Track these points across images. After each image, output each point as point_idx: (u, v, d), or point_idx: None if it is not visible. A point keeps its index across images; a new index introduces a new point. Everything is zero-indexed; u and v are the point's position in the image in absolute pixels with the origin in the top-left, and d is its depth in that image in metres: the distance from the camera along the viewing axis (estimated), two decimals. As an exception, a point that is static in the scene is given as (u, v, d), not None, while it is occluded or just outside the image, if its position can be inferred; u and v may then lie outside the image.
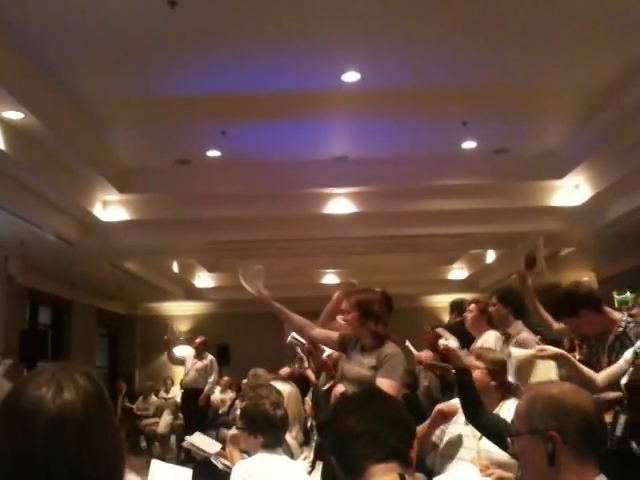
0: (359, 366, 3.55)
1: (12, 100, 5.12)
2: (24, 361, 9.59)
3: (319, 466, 3.67)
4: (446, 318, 8.15)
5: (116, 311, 14.66)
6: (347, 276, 12.23)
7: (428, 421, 3.35)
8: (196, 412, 9.48)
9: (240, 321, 13.65)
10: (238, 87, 5.79)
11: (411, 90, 5.90)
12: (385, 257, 11.42)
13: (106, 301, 13.72)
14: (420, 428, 3.28)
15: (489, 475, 2.83)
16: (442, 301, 13.78)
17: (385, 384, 3.37)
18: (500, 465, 2.83)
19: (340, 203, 8.21)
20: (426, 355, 5.24)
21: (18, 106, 5.24)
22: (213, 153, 7.36)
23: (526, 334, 4.31)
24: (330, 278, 13.26)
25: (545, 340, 4.12)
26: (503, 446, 2.66)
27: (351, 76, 5.62)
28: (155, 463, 3.23)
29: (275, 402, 3.19)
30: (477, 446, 3.07)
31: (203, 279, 13.86)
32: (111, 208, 8.11)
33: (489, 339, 4.52)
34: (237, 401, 7.76)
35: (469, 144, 7.24)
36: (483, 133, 6.99)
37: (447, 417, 3.32)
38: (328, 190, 8.06)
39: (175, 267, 12.19)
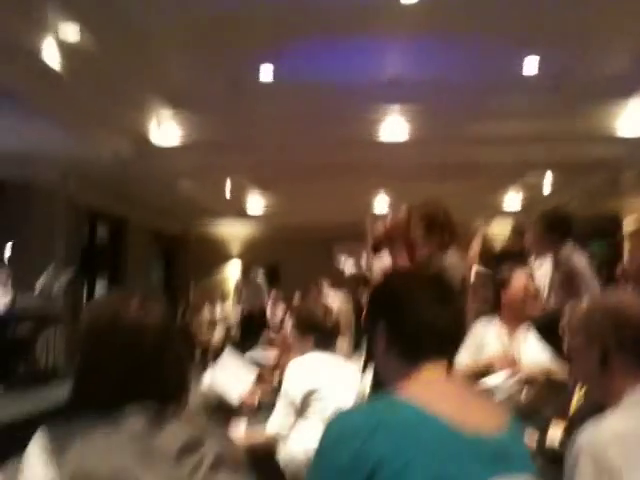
0: None
1: (69, 15, 5.13)
2: (84, 278, 9.96)
3: (370, 368, 3.74)
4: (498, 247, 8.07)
5: (170, 232, 14.94)
6: (399, 204, 12.14)
7: None
8: (253, 328, 9.81)
9: (291, 244, 13.77)
10: (292, 4, 5.66)
11: (473, 9, 5.67)
12: (439, 186, 11.25)
13: (161, 221, 13.99)
14: None
15: (515, 373, 2.89)
16: (496, 230, 13.64)
17: None
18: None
19: (394, 127, 8.07)
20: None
21: (74, 22, 5.25)
22: (267, 74, 7.27)
23: (576, 257, 4.23)
24: (381, 206, 13.17)
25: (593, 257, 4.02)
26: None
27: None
28: (229, 350, 3.47)
29: (324, 313, 3.27)
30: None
31: (256, 202, 13.94)
32: (166, 128, 8.15)
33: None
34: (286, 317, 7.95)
35: (531, 65, 6.95)
36: (546, 53, 6.71)
37: None
38: (382, 114, 7.93)
39: (228, 189, 12.27)
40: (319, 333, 3.17)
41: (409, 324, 1.46)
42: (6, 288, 5.30)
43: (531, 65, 6.95)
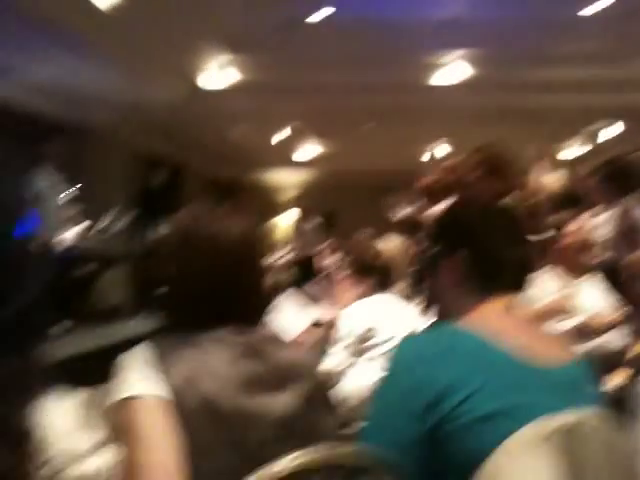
0: None
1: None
2: (143, 221, 10.13)
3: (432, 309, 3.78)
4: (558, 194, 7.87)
5: (224, 179, 15.03)
6: (457, 149, 11.93)
7: None
8: (306, 275, 9.92)
9: (346, 192, 13.72)
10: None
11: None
12: (499, 132, 10.99)
13: (215, 168, 14.07)
14: None
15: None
16: (551, 180, 13.27)
17: None
18: None
19: (454, 71, 7.86)
20: None
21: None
22: (324, 15, 7.12)
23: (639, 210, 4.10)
24: (439, 152, 12.94)
25: None
26: None
27: None
28: (289, 292, 3.63)
29: (375, 254, 3.29)
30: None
31: (311, 147, 13.87)
32: (222, 72, 8.12)
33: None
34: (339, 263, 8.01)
35: (598, 5, 6.63)
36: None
37: None
38: (441, 57, 7.72)
39: (283, 134, 12.22)
40: (376, 275, 3.20)
41: (489, 256, 1.45)
42: (78, 224, 5.44)
43: (599, 7, 6.63)
